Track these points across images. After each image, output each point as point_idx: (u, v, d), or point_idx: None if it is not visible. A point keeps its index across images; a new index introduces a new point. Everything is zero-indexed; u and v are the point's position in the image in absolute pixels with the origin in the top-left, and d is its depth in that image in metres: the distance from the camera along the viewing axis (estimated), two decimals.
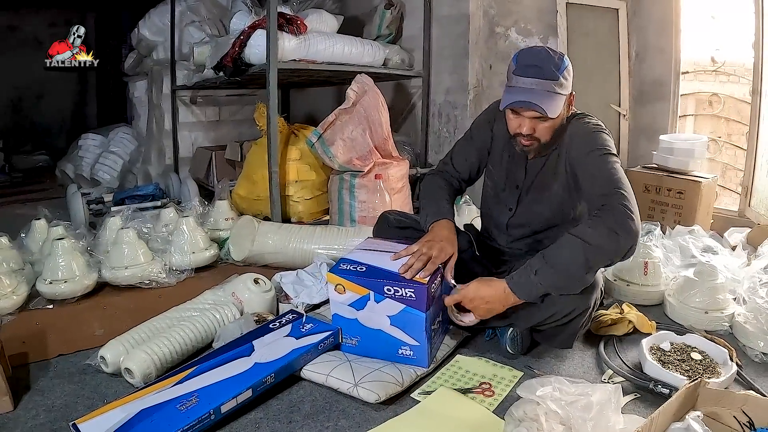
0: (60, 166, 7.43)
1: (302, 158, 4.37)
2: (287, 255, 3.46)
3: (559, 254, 1.98)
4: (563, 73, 2.11)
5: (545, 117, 2.13)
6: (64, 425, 1.88)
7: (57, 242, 3.04)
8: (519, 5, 4.58)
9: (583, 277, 2.02)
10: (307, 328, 2.33)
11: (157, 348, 2.21)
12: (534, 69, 2.10)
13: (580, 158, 2.21)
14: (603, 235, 1.92)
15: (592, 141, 2.20)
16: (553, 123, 2.19)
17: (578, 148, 2.22)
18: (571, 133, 2.28)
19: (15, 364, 2.24)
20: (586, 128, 2.26)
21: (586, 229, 1.96)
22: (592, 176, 2.14)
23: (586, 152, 2.18)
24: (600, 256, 1.96)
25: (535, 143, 2.24)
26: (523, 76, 2.12)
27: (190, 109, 6.27)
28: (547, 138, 2.23)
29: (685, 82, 4.72)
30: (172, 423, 1.78)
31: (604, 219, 1.95)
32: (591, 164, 2.16)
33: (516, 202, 2.47)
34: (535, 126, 2.19)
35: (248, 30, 4.12)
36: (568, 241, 1.98)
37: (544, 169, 2.38)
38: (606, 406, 1.62)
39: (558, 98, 2.11)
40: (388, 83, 5.23)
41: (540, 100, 2.08)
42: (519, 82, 2.13)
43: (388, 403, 2.01)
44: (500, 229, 2.58)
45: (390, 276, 2.13)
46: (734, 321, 2.58)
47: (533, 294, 2.04)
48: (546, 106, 2.08)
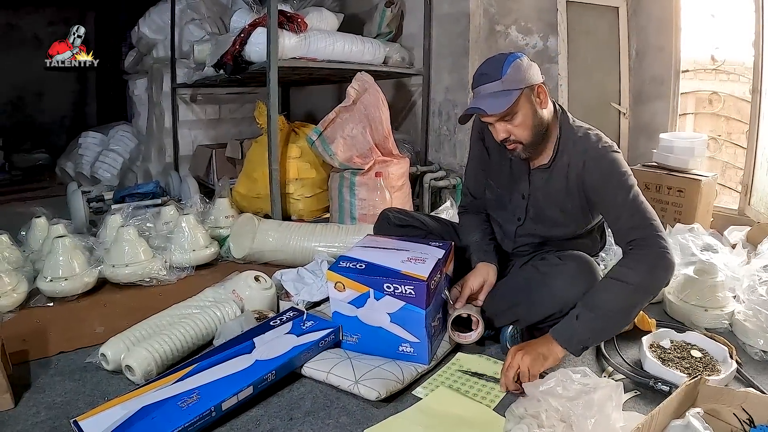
0: (60, 164, 7.45)
1: (302, 156, 4.38)
2: (287, 253, 3.46)
3: (600, 298, 2.03)
4: (508, 70, 2.10)
5: (507, 115, 2.14)
6: (65, 422, 1.88)
7: (57, 240, 3.05)
8: (519, 4, 4.58)
9: (627, 319, 2.10)
10: (308, 325, 2.33)
11: (157, 345, 2.21)
12: (481, 77, 2.15)
13: (598, 187, 2.20)
14: (643, 274, 1.98)
15: (612, 169, 2.18)
16: (524, 119, 2.17)
17: (595, 174, 2.20)
18: (582, 151, 2.24)
19: (16, 361, 2.24)
20: (599, 152, 2.22)
21: (626, 271, 2.01)
22: (618, 207, 2.15)
23: (606, 180, 2.18)
24: (642, 296, 2.01)
25: (519, 145, 2.23)
26: (475, 87, 2.18)
27: (191, 107, 6.29)
28: (528, 137, 2.21)
29: (685, 80, 4.71)
30: (173, 420, 1.78)
31: (643, 258, 2.01)
32: (614, 194, 2.16)
33: (524, 212, 2.44)
34: (507, 128, 2.19)
35: (249, 28, 4.14)
36: (608, 285, 2.03)
37: (552, 182, 2.34)
38: (607, 403, 1.62)
39: (504, 95, 2.11)
40: (388, 81, 5.23)
41: (482, 104, 2.12)
42: (474, 94, 2.18)
43: (388, 400, 2.01)
44: (508, 236, 2.56)
45: (389, 273, 2.13)
46: (734, 319, 2.58)
47: (574, 341, 2.03)
48: (486, 106, 2.10)
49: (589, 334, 2.02)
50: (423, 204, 4.71)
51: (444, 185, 4.67)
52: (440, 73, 4.83)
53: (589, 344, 2.06)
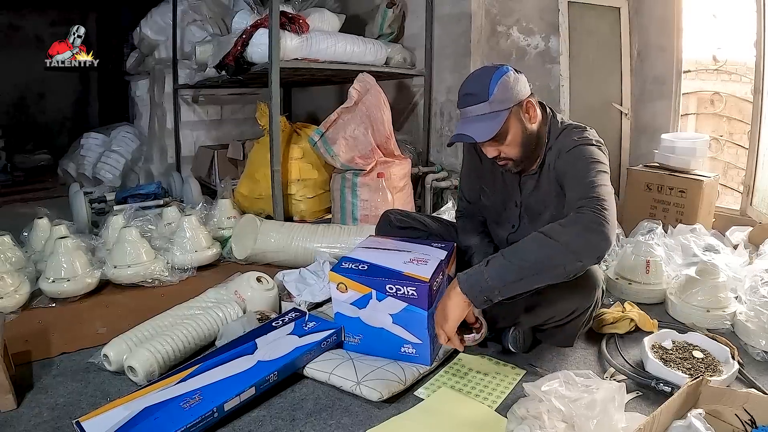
0: (62, 165, 7.47)
1: (304, 157, 4.39)
2: (289, 253, 3.47)
3: (519, 247, 1.93)
4: (495, 90, 2.07)
5: (496, 137, 2.10)
6: (68, 423, 1.89)
7: (60, 241, 3.06)
8: (521, 4, 4.57)
9: (540, 277, 1.90)
10: (310, 326, 2.35)
11: (160, 346, 2.22)
12: (467, 97, 2.12)
13: (564, 169, 2.16)
14: (573, 236, 1.84)
15: (577, 152, 2.14)
16: (514, 137, 2.15)
17: (565, 159, 2.17)
18: (559, 148, 2.22)
19: (18, 362, 2.25)
20: (571, 142, 2.19)
21: (557, 228, 1.88)
22: (573, 181, 2.08)
23: (571, 162, 2.13)
24: (564, 256, 1.85)
25: (510, 162, 2.23)
26: (462, 107, 2.14)
27: (192, 108, 6.31)
28: (518, 154, 2.20)
29: (687, 80, 4.71)
30: (175, 421, 1.79)
31: (578, 220, 1.87)
32: (573, 172, 2.10)
33: (518, 218, 2.44)
34: (497, 148, 2.17)
35: (250, 29, 4.15)
36: (534, 237, 1.91)
37: (539, 186, 2.34)
38: (609, 404, 1.63)
39: (492, 118, 2.09)
40: (390, 82, 5.22)
41: (470, 129, 2.09)
42: (461, 114, 2.16)
43: (391, 401, 2.02)
44: (501, 243, 2.55)
45: (392, 274, 2.14)
46: (736, 319, 2.59)
47: (476, 289, 1.91)
48: (475, 132, 2.08)
49: (495, 283, 1.88)
50: (425, 205, 4.71)
51: (446, 186, 4.67)
52: (442, 73, 4.83)
53: (494, 297, 1.90)
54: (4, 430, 1.88)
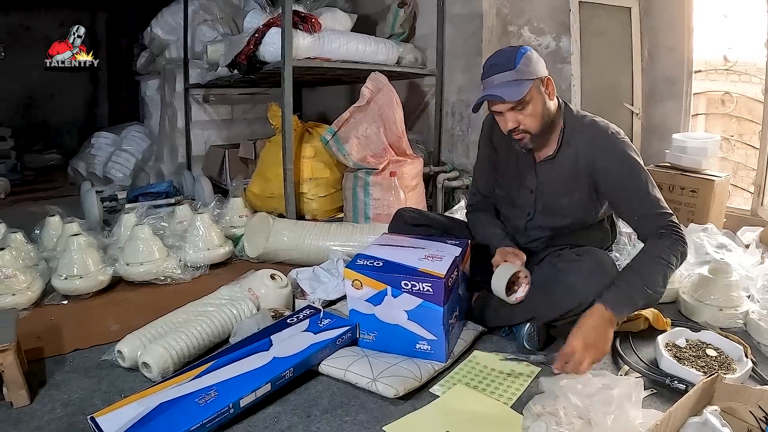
0: (72, 164, 7.49)
1: (316, 156, 4.41)
2: (302, 252, 3.48)
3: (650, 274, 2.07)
4: (520, 61, 2.17)
5: (519, 105, 2.19)
6: (82, 419, 1.89)
7: (72, 238, 3.07)
8: (532, 4, 4.58)
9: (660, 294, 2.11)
10: (325, 323, 2.35)
11: (174, 342, 2.23)
12: (492, 68, 2.21)
13: (611, 172, 2.27)
14: (677, 258, 2.09)
15: (624, 154, 2.26)
16: (534, 109, 2.23)
17: (607, 159, 2.27)
18: (591, 137, 2.31)
19: (31, 358, 2.26)
20: (610, 138, 2.30)
21: (667, 252, 2.08)
22: (633, 192, 2.24)
23: (619, 166, 2.25)
24: (671, 275, 2.13)
25: (527, 135, 2.28)
26: (486, 77, 2.22)
27: (203, 108, 6.33)
28: (536, 127, 2.27)
29: (697, 81, 4.71)
30: (191, 416, 1.79)
31: (675, 243, 2.10)
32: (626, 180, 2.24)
33: (533, 206, 2.49)
34: (517, 118, 2.24)
35: (263, 28, 4.16)
36: (656, 263, 2.08)
37: (559, 172, 2.39)
38: (626, 400, 1.63)
39: (518, 84, 2.17)
40: (402, 82, 5.22)
41: (497, 91, 2.16)
42: (485, 85, 2.23)
43: (406, 397, 2.02)
44: (518, 232, 2.60)
45: (407, 270, 2.15)
46: (748, 318, 2.59)
47: (628, 310, 2.06)
48: (504, 93, 2.15)
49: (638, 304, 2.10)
50: (436, 204, 4.72)
51: (457, 185, 4.67)
52: (453, 73, 4.84)
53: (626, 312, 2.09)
54: (17, 425, 1.88)
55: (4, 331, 2.03)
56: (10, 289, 2.78)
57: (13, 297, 2.77)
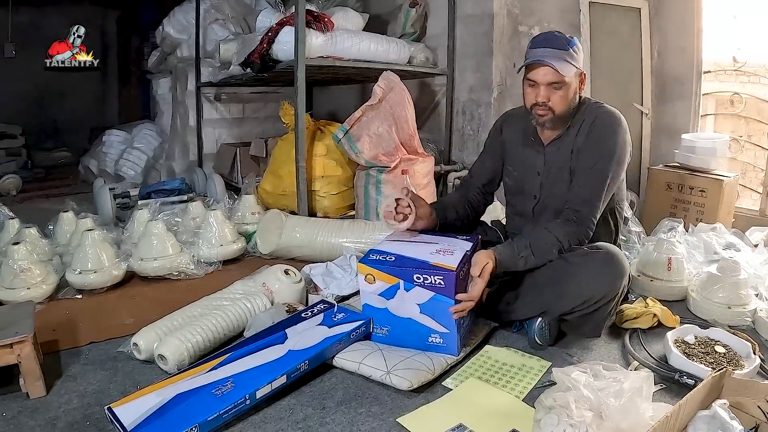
0: (83, 161, 7.54)
1: (328, 154, 4.43)
2: (314, 248, 3.50)
3: (541, 248, 2.31)
4: (573, 47, 2.30)
5: (559, 83, 2.28)
6: (98, 410, 1.93)
7: (87, 233, 3.09)
8: (542, 4, 4.61)
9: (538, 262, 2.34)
10: (339, 317, 2.38)
11: (190, 335, 2.26)
12: (546, 41, 2.32)
13: (586, 149, 2.41)
14: (572, 242, 2.33)
15: (607, 142, 2.39)
16: (567, 93, 2.32)
17: (591, 138, 2.40)
18: (592, 115, 2.43)
19: (46, 351, 2.28)
20: (606, 122, 2.42)
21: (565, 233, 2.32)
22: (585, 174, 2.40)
23: (596, 149, 2.40)
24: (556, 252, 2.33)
25: (550, 114, 2.35)
26: (537, 48, 2.31)
27: (215, 106, 6.38)
28: (562, 108, 2.34)
29: (706, 81, 4.73)
30: (208, 407, 1.82)
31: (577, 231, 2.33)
32: (591, 162, 2.39)
33: (539, 188, 2.55)
34: (550, 95, 2.31)
35: (276, 27, 4.19)
36: (549, 239, 2.32)
37: (563, 150, 2.47)
38: (636, 393, 1.65)
39: (569, 65, 2.27)
40: (413, 81, 5.23)
41: (553, 61, 2.24)
42: (534, 54, 2.31)
43: (419, 390, 2.05)
44: (526, 217, 2.64)
45: (419, 264, 2.17)
46: (756, 316, 2.61)
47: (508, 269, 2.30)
48: (557, 65, 2.24)
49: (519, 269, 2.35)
50: None
51: None
52: (464, 73, 4.85)
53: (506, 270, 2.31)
54: (34, 416, 1.91)
55: (22, 323, 2.05)
56: (26, 282, 2.81)
57: (28, 290, 2.80)
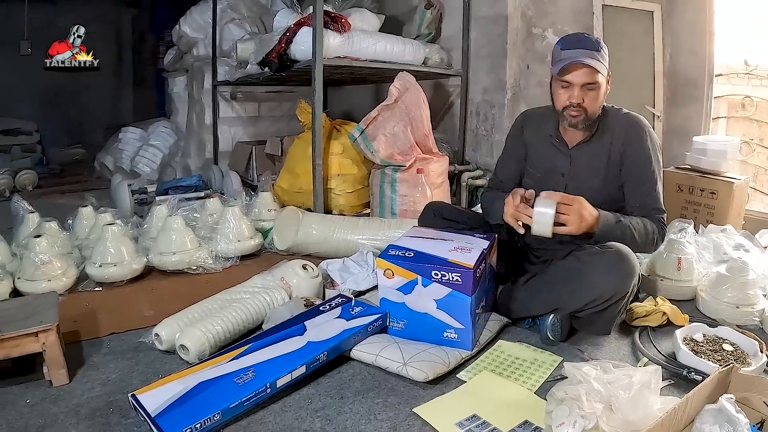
0: (99, 158, 7.61)
1: (344, 152, 4.46)
2: (331, 245, 3.54)
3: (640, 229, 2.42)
4: (602, 49, 2.38)
5: (593, 84, 2.35)
6: (121, 397, 1.98)
7: (107, 227, 3.15)
8: (556, 7, 4.64)
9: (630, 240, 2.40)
10: (357, 311, 2.43)
11: (211, 326, 2.32)
12: (579, 43, 2.38)
13: (633, 158, 2.51)
14: (654, 239, 2.47)
15: (648, 147, 2.51)
16: (598, 94, 2.40)
17: (634, 146, 2.50)
18: (625, 126, 2.51)
19: (68, 341, 2.33)
20: (640, 128, 2.52)
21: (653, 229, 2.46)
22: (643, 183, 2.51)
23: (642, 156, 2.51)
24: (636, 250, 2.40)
25: (582, 114, 2.41)
26: (570, 49, 2.36)
27: (230, 105, 6.44)
28: (594, 109, 2.42)
29: (718, 84, 4.74)
30: (229, 395, 1.88)
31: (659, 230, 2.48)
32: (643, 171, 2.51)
33: (563, 190, 2.49)
34: (584, 95, 2.37)
35: (294, 27, 4.23)
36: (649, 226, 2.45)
37: (592, 155, 2.53)
38: (645, 386, 1.69)
39: (601, 65, 2.35)
40: (427, 82, 5.26)
41: (590, 61, 2.31)
42: (567, 55, 2.36)
43: (434, 382, 2.10)
44: None
45: (437, 261, 2.23)
46: (764, 316, 2.64)
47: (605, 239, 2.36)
48: (595, 65, 2.32)
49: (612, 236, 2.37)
50: (460, 202, 4.77)
51: (481, 184, 4.72)
52: (478, 74, 4.90)
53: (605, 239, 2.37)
54: (57, 402, 1.96)
55: (47, 313, 2.11)
56: (46, 275, 2.87)
57: (48, 282, 2.84)
